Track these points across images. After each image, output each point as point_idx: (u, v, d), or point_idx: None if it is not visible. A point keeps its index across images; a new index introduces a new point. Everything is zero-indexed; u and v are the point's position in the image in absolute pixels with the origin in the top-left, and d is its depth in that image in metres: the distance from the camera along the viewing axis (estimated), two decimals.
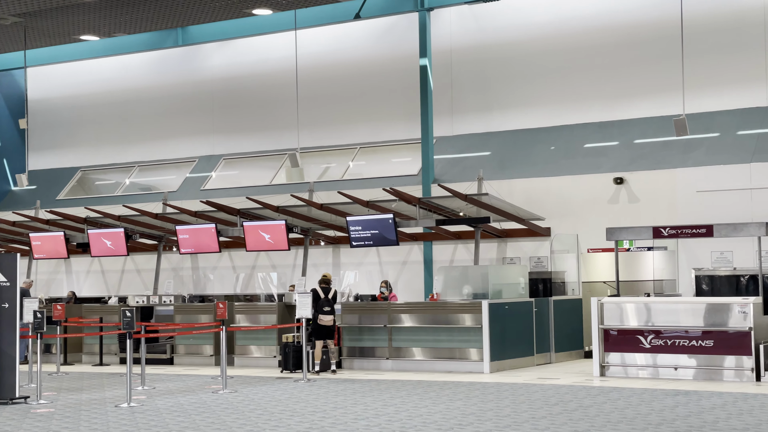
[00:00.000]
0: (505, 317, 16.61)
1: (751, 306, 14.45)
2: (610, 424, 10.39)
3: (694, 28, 18.88)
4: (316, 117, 23.66)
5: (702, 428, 10.00)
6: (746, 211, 17.88)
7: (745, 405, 11.66)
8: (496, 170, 20.85)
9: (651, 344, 15.08)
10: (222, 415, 11.67)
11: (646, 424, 10.31)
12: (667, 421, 10.52)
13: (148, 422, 11.27)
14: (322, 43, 23.78)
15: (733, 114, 19.25)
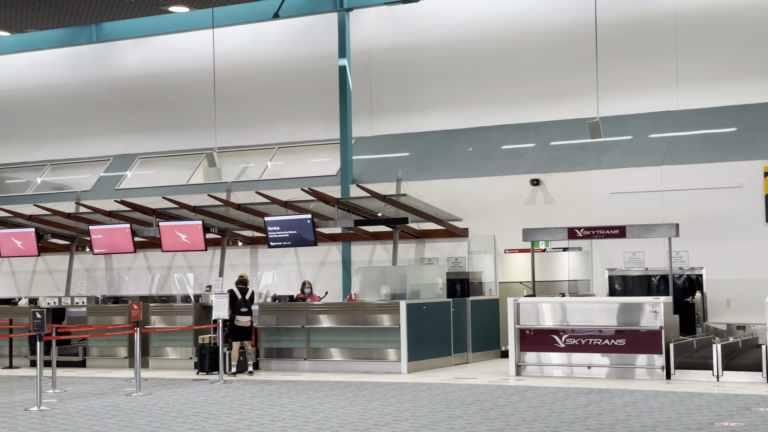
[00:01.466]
0: (422, 317, 16.67)
1: (661, 305, 14.75)
2: (524, 422, 10.50)
3: (608, 32, 19.21)
4: (234, 116, 23.45)
5: (614, 426, 10.17)
6: (657, 213, 18.27)
7: (656, 402, 11.89)
8: (415, 171, 20.93)
9: (566, 343, 15.30)
10: (135, 418, 11.47)
11: (560, 423, 10.44)
12: (580, 419, 10.68)
13: (58, 426, 11.01)
14: (241, 42, 23.59)
15: (646, 117, 19.64)
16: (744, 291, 17.36)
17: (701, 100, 19.18)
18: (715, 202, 18.05)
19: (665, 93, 19.46)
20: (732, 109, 18.90)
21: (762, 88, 18.74)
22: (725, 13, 19.16)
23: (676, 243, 16.84)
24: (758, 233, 17.60)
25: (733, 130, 18.76)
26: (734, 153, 18.26)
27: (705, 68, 19.26)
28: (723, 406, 11.44)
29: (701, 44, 19.29)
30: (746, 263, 17.67)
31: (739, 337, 15.78)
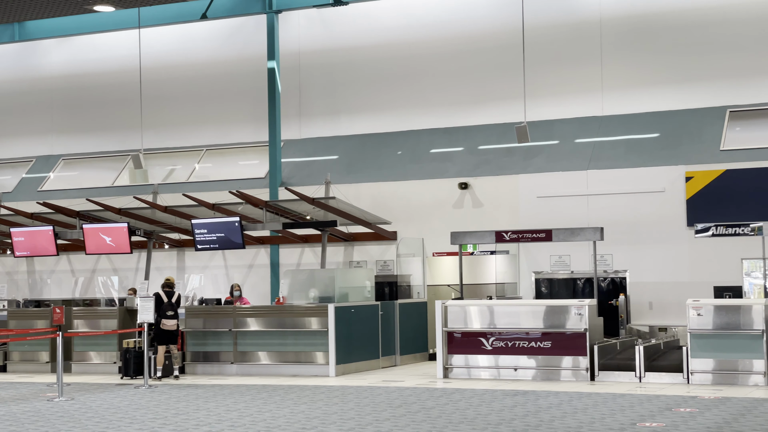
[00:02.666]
0: (351, 321, 16.66)
1: (586, 308, 14.96)
2: (451, 425, 10.54)
3: (535, 38, 19.43)
4: (161, 118, 23.16)
5: (539, 427, 10.28)
6: (583, 217, 18.53)
7: (580, 403, 12.05)
8: (344, 174, 20.92)
9: (493, 346, 15.42)
10: (57, 424, 11.24)
11: (486, 424, 10.52)
12: (506, 420, 10.76)
13: None
14: (168, 43, 23.32)
15: (572, 122, 19.92)
16: (666, 293, 17.70)
17: (626, 106, 19.52)
18: (638, 207, 18.37)
19: (591, 99, 19.76)
20: (655, 115, 19.27)
21: (684, 94, 19.13)
22: (649, 20, 19.52)
23: (600, 246, 17.11)
24: (680, 237, 17.95)
25: (656, 135, 19.11)
26: (657, 158, 18.61)
27: (629, 75, 19.60)
28: (645, 407, 11.64)
29: (626, 51, 19.63)
30: (668, 266, 18.02)
31: (660, 339, 16.08)
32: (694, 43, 19.15)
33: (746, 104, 18.72)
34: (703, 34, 19.08)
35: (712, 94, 18.92)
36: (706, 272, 17.44)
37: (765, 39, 18.63)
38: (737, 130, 18.56)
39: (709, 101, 18.92)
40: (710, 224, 16.11)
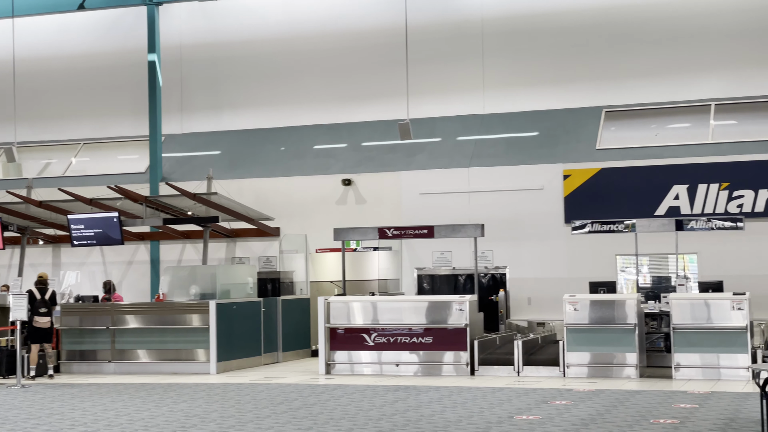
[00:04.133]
0: (232, 317, 16.48)
1: (467, 304, 15.15)
2: (332, 420, 10.53)
3: (418, 36, 19.59)
4: (36, 110, 22.46)
5: (419, 421, 10.36)
6: (464, 214, 18.78)
7: (460, 398, 12.20)
8: (226, 170, 20.69)
9: (375, 342, 15.47)
10: None
11: (367, 420, 10.54)
12: (387, 415, 10.82)
13: None
14: (44, 33, 22.63)
15: (454, 120, 20.16)
16: (544, 289, 18.10)
17: (506, 104, 19.87)
18: (518, 204, 18.72)
19: (473, 97, 20.04)
20: (534, 114, 19.67)
21: (562, 94, 19.59)
22: (529, 22, 19.92)
23: (481, 243, 17.36)
24: (558, 234, 18.38)
25: (535, 134, 19.51)
26: (536, 156, 19.00)
27: (510, 74, 19.96)
28: (522, 400, 11.86)
29: (507, 51, 19.98)
30: (546, 262, 18.42)
31: (538, 334, 16.42)
32: (572, 45, 19.62)
33: (621, 105, 19.29)
34: (581, 36, 19.58)
35: (589, 95, 19.43)
36: (582, 268, 17.90)
37: (640, 42, 19.23)
38: (612, 129, 19.10)
39: (586, 101, 19.43)
40: (586, 221, 16.53)
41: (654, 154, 18.23)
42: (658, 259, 18.25)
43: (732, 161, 17.59)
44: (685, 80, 18.96)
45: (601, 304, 14.54)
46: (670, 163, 17.94)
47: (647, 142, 18.63)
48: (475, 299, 15.57)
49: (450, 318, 15.20)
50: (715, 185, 17.56)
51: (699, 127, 18.58)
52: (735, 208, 17.38)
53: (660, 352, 15.21)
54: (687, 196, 17.72)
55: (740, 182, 17.45)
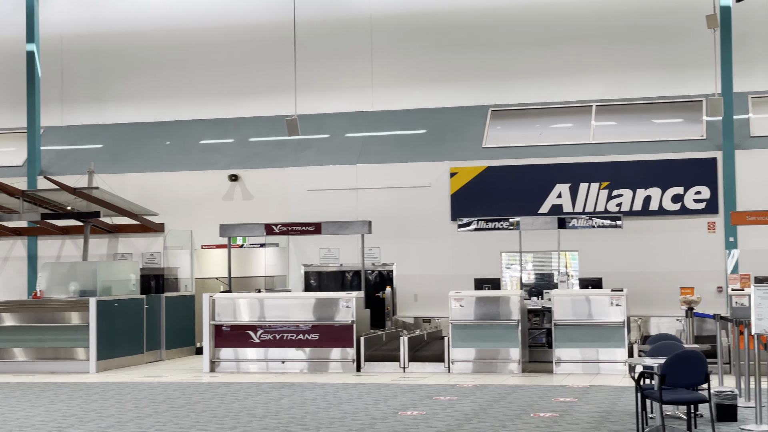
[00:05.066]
0: (114, 315, 16.10)
1: (354, 300, 15.16)
2: (216, 419, 10.38)
3: (306, 32, 19.49)
4: None
5: (303, 418, 10.30)
6: (352, 210, 18.77)
7: (345, 394, 12.19)
8: (109, 164, 20.19)
9: (261, 339, 15.34)
10: None
11: (251, 417, 10.43)
12: (272, 413, 10.72)
13: None
14: None
15: (342, 117, 20.13)
16: (430, 286, 18.23)
17: (394, 102, 19.94)
18: (405, 201, 18.81)
19: (361, 94, 20.05)
20: (422, 112, 19.80)
21: (449, 93, 19.76)
22: (418, 20, 20.03)
23: (369, 240, 17.39)
24: (444, 231, 18.54)
25: (422, 132, 19.64)
26: (424, 154, 19.13)
27: (398, 72, 20.04)
28: (407, 396, 11.92)
29: (395, 49, 20.05)
30: (433, 259, 18.57)
31: (424, 330, 16.56)
32: (460, 44, 19.82)
33: (506, 104, 19.58)
34: (468, 35, 19.79)
35: (476, 94, 19.66)
36: (468, 265, 18.10)
37: (524, 43, 19.54)
38: (498, 128, 19.37)
39: (473, 100, 19.64)
40: (472, 219, 16.74)
41: (538, 153, 18.57)
42: (542, 256, 18.60)
43: (611, 161, 18.05)
44: (568, 81, 19.36)
45: (486, 300, 14.74)
46: (554, 162, 18.30)
47: (532, 141, 18.97)
48: (362, 296, 15.59)
49: (337, 315, 15.18)
50: (596, 184, 17.99)
51: (581, 128, 19.01)
52: (614, 206, 17.83)
53: (542, 347, 15.53)
54: (569, 195, 18.10)
55: (619, 182, 17.92)
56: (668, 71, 18.79)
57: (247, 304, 15.54)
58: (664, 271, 17.40)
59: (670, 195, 17.67)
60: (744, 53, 17.50)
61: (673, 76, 18.76)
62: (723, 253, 17.31)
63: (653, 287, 17.19)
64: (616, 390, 12.21)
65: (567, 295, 14.75)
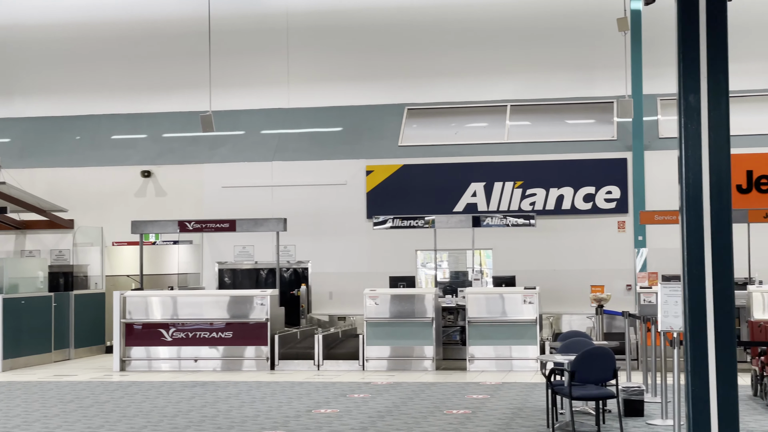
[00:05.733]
0: (20, 313, 15.69)
1: (268, 298, 15.06)
2: (125, 418, 10.19)
3: (222, 27, 19.26)
4: None
5: (215, 417, 10.18)
6: (267, 208, 18.65)
7: (259, 393, 12.09)
8: (16, 158, 19.68)
9: (173, 337, 15.13)
10: None
11: (162, 417, 10.27)
12: (183, 412, 10.57)
13: None
14: None
15: (258, 113, 19.98)
16: (346, 284, 18.21)
17: (311, 99, 19.86)
18: (321, 198, 18.76)
19: (277, 91, 19.91)
20: (338, 109, 19.76)
21: (366, 91, 19.76)
22: (334, 17, 19.98)
23: (284, 237, 17.30)
24: (360, 229, 18.54)
25: (339, 129, 19.61)
26: (340, 152, 19.10)
27: (315, 69, 19.96)
28: (321, 394, 11.88)
29: (312, 45, 19.97)
30: (348, 257, 18.56)
31: (339, 328, 16.53)
32: (376, 42, 19.84)
33: (423, 103, 19.67)
34: (385, 34, 19.82)
35: (392, 92, 19.69)
36: (383, 263, 18.14)
37: (441, 42, 19.65)
38: (414, 127, 19.45)
39: (389, 98, 19.67)
40: (388, 217, 16.77)
41: (453, 152, 18.70)
42: (457, 254, 18.74)
43: (525, 161, 18.27)
44: (484, 81, 19.53)
45: (401, 298, 14.78)
46: (469, 161, 18.45)
47: (447, 140, 19.09)
48: (277, 294, 15.50)
49: (251, 313, 15.06)
50: (510, 183, 18.19)
51: (495, 127, 19.20)
52: (528, 205, 18.06)
53: (456, 344, 15.64)
54: (484, 194, 18.26)
55: (533, 181, 18.16)
56: (581, 73, 19.10)
57: (159, 301, 15.31)
58: (575, 269, 17.69)
59: (582, 194, 17.97)
60: (654, 56, 17.88)
61: (586, 77, 19.07)
62: (632, 252, 17.67)
63: (565, 285, 17.47)
64: (528, 386, 12.35)
65: (481, 293, 14.88)
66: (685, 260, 5.61)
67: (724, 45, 5.52)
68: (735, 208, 15.84)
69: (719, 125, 5.51)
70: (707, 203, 5.51)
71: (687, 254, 5.60)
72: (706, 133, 5.49)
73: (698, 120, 5.50)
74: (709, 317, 5.48)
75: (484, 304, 14.61)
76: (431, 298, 14.73)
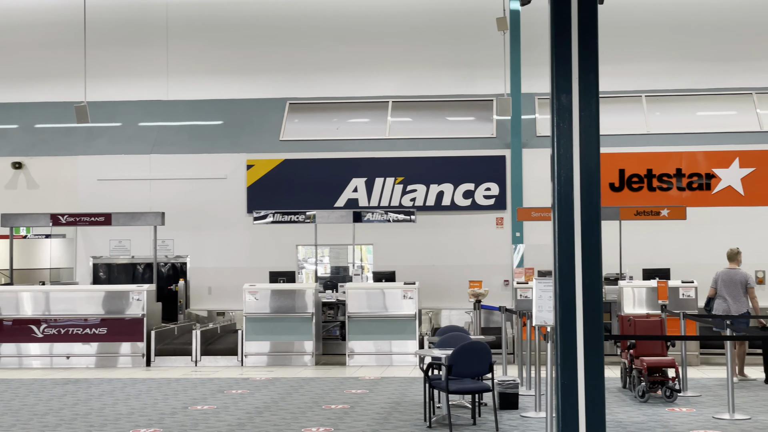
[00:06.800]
0: None
1: (145, 293, 14.77)
2: None
3: (99, 17, 18.77)
4: None
5: (88, 415, 9.92)
6: (145, 201, 18.30)
7: (134, 390, 11.85)
8: None
9: (45, 333, 14.70)
10: None
11: (32, 415, 9.96)
12: (54, 410, 10.27)
13: None
14: None
15: (136, 105, 19.57)
16: (225, 279, 18.03)
17: (191, 92, 19.56)
18: (201, 193, 18.51)
19: (156, 82, 19.54)
20: (219, 102, 19.53)
21: (247, 85, 19.58)
22: (216, 10, 19.72)
23: (162, 231, 16.99)
24: (240, 224, 18.37)
25: (219, 123, 19.38)
26: (220, 145, 18.88)
27: (195, 61, 19.66)
28: (198, 390, 11.72)
29: (192, 38, 19.66)
30: (229, 252, 18.37)
31: (218, 323, 16.34)
32: (258, 36, 19.67)
33: (305, 97, 19.60)
34: (267, 28, 19.66)
35: (274, 86, 19.57)
36: (264, 258, 18.01)
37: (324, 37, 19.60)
38: (296, 121, 19.37)
39: (271, 92, 19.55)
40: (269, 211, 16.66)
41: (335, 147, 18.70)
42: (338, 249, 18.76)
43: (406, 157, 18.42)
44: (366, 77, 19.59)
45: (280, 293, 14.70)
46: (350, 156, 18.48)
47: (329, 135, 19.09)
48: (154, 289, 15.21)
49: (127, 308, 14.75)
50: (391, 179, 18.31)
51: (377, 123, 19.29)
52: (409, 201, 18.21)
53: (336, 340, 15.65)
54: (365, 189, 18.33)
55: (414, 177, 18.31)
56: (462, 70, 19.34)
57: (30, 297, 14.85)
58: (455, 265, 17.92)
59: (462, 191, 18.22)
60: (532, 56, 18.24)
61: (466, 75, 19.33)
62: (510, 248, 18.01)
63: (445, 280, 17.69)
64: (407, 381, 12.45)
65: (361, 288, 14.93)
66: (557, 256, 5.74)
67: (594, 46, 5.66)
68: (608, 205, 16.36)
69: (590, 124, 5.65)
70: (578, 200, 5.65)
71: (558, 250, 5.73)
72: (577, 132, 5.63)
73: (570, 119, 5.63)
74: (579, 312, 5.62)
75: (364, 299, 14.67)
76: (311, 293, 14.70)
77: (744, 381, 12.26)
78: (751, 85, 18.73)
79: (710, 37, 18.84)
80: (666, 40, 18.89)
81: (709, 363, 14.04)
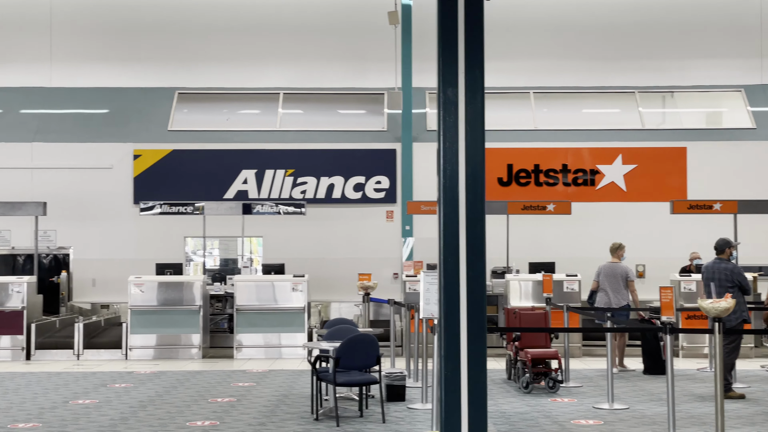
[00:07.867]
0: None
1: (25, 285, 14.34)
2: None
3: None
4: None
5: None
6: (27, 191, 17.76)
7: (12, 384, 11.50)
8: None
9: None
10: None
11: None
12: None
13: None
14: None
15: (17, 92, 18.97)
16: (110, 270, 17.65)
17: (75, 79, 19.06)
18: (85, 183, 18.07)
19: (38, 68, 18.98)
20: (105, 91, 19.08)
21: (134, 73, 19.18)
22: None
23: (44, 222, 16.53)
24: (126, 214, 18.01)
25: (105, 111, 18.94)
26: (106, 135, 18.45)
27: (80, 48, 19.16)
28: (80, 384, 11.44)
29: (77, 24, 19.16)
30: (114, 243, 17.98)
31: (102, 316, 15.99)
32: (146, 24, 19.29)
33: (194, 87, 19.31)
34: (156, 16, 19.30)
35: (162, 75, 19.22)
36: (151, 249, 17.70)
37: (214, 27, 19.34)
38: (185, 111, 19.07)
39: (159, 82, 19.20)
40: (156, 202, 16.36)
41: (225, 138, 18.49)
42: (227, 241, 18.56)
43: (297, 149, 18.33)
44: (257, 68, 19.41)
45: (167, 286, 14.46)
46: (240, 147, 18.30)
47: (219, 126, 18.85)
48: (34, 281, 14.78)
49: (6, 300, 14.30)
50: (282, 171, 18.21)
51: (268, 115, 19.14)
52: (299, 194, 18.13)
53: (224, 332, 15.49)
54: (255, 181, 18.17)
55: (304, 169, 18.24)
56: (353, 63, 19.35)
57: None
58: (345, 258, 17.94)
59: (353, 184, 18.23)
60: (423, 50, 18.37)
61: (358, 68, 19.34)
62: (400, 241, 18.12)
63: (335, 273, 17.68)
64: (295, 374, 12.41)
65: (250, 280, 14.80)
66: (442, 249, 5.78)
67: (480, 42, 5.73)
68: (496, 200, 16.62)
69: (475, 119, 5.71)
70: (463, 194, 5.70)
71: (443, 243, 5.78)
72: (463, 126, 5.68)
73: (456, 113, 5.68)
74: (462, 304, 5.68)
75: (253, 291, 14.54)
76: (199, 285, 14.50)
77: (623, 372, 12.62)
78: (634, 84, 19.27)
79: (596, 37, 19.31)
80: (553, 39, 19.28)
81: (591, 354, 14.40)
